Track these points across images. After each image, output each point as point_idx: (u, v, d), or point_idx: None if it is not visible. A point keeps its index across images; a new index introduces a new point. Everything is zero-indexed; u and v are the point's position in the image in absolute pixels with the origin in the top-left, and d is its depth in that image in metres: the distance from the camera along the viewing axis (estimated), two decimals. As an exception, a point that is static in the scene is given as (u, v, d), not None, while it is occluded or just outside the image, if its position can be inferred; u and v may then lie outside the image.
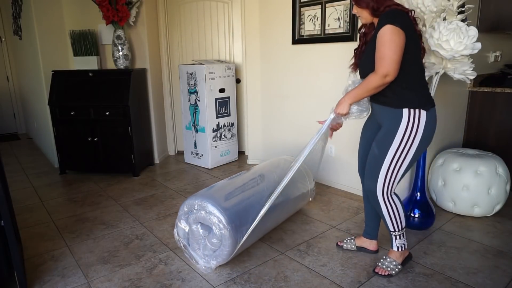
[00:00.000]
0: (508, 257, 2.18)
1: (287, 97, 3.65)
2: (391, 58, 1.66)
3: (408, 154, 1.80)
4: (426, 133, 1.79)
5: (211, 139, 3.90)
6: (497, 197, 2.60)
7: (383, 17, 1.70)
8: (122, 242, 2.43)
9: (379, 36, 1.68)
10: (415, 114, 1.76)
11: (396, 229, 1.97)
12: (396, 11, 1.70)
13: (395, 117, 1.80)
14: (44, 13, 3.78)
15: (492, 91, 3.07)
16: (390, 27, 1.65)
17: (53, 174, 3.86)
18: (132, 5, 3.75)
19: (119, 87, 3.60)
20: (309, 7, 3.23)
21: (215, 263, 2.04)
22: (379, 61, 1.70)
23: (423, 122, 1.76)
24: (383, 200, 1.90)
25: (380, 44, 1.68)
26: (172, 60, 4.38)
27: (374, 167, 1.89)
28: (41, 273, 2.09)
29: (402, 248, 2.01)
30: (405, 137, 1.78)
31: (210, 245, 2.03)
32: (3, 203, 1.71)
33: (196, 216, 2.04)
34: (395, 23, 1.64)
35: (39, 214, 2.88)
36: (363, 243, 2.24)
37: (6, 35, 5.76)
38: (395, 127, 1.79)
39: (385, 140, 1.83)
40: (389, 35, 1.65)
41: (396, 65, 1.67)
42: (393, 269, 1.99)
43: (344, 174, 3.26)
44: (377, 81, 1.72)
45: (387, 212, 1.92)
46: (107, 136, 3.67)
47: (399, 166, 1.83)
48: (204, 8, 4.18)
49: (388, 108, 1.83)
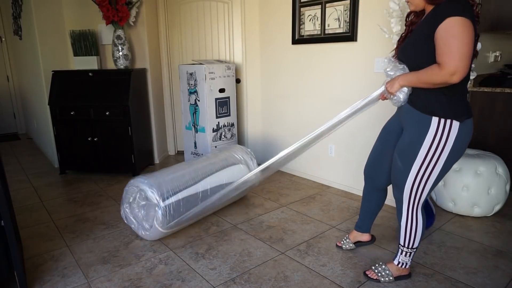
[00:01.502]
0: (508, 257, 2.18)
1: (287, 97, 3.65)
2: (464, 54, 1.42)
3: (436, 168, 1.64)
4: (457, 146, 1.59)
5: (211, 139, 3.90)
6: (497, 197, 2.61)
7: (448, 6, 1.46)
8: (122, 242, 2.43)
9: (445, 29, 1.44)
10: (445, 125, 1.56)
11: (406, 245, 1.86)
12: (465, 1, 1.46)
13: (421, 124, 1.62)
14: (44, 13, 3.78)
15: (492, 91, 3.07)
16: (461, 19, 1.41)
17: (53, 174, 3.86)
18: (132, 5, 3.75)
19: (119, 87, 3.60)
20: (309, 7, 3.23)
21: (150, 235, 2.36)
22: (447, 55, 1.44)
23: (454, 135, 1.57)
24: (407, 211, 1.79)
25: (448, 36, 1.43)
26: (172, 60, 4.38)
27: (399, 178, 1.76)
28: (41, 273, 2.09)
29: (403, 265, 1.93)
30: (431, 150, 1.60)
31: (143, 221, 2.36)
32: (3, 203, 1.71)
33: (136, 196, 2.37)
34: (466, 15, 1.42)
35: (39, 214, 2.88)
36: (356, 237, 2.25)
37: (6, 35, 5.76)
38: (421, 137, 1.61)
39: (409, 151, 1.68)
40: (461, 27, 1.41)
41: (468, 63, 1.44)
42: (383, 277, 1.94)
43: (344, 174, 3.26)
44: (441, 77, 1.47)
45: (406, 224, 1.82)
46: (107, 136, 3.67)
47: (426, 180, 1.68)
48: (204, 8, 4.17)
49: (415, 111, 1.65)
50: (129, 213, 2.43)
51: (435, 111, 1.58)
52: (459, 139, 1.59)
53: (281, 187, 3.39)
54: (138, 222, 2.40)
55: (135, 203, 2.39)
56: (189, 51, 4.33)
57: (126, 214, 2.45)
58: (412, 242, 1.85)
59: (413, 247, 1.87)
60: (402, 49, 1.71)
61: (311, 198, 3.13)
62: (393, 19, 2.26)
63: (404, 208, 1.81)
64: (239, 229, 2.58)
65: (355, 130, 3.05)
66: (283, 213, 2.83)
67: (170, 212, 2.32)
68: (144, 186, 2.35)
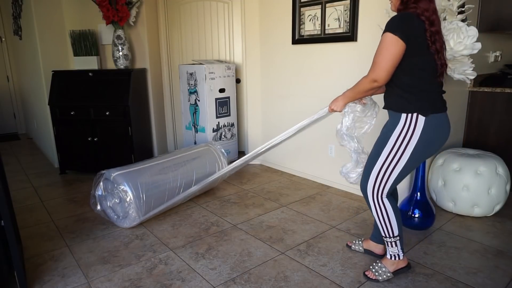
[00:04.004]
0: (508, 257, 2.18)
1: (287, 97, 3.65)
2: (383, 67, 1.67)
3: (402, 159, 1.78)
4: (423, 138, 1.74)
5: (211, 139, 3.89)
6: (497, 197, 2.60)
7: (389, 20, 1.68)
8: (122, 242, 2.43)
9: (380, 40, 1.69)
10: (412, 119, 1.74)
11: (387, 235, 1.93)
12: (403, 17, 1.67)
13: (394, 119, 1.80)
14: (44, 13, 3.78)
15: (492, 91, 3.07)
16: (389, 36, 1.65)
17: (53, 174, 3.86)
18: (132, 5, 3.75)
19: (119, 87, 3.60)
20: (309, 7, 3.23)
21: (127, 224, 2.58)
22: (372, 65, 1.72)
23: (420, 128, 1.73)
24: (373, 200, 1.90)
25: (377, 48, 1.70)
26: (172, 60, 4.38)
27: (368, 166, 1.90)
28: (41, 273, 2.09)
29: (395, 257, 1.96)
30: (399, 141, 1.77)
31: (115, 209, 2.60)
32: (3, 203, 1.71)
33: (119, 189, 2.54)
34: (396, 32, 1.63)
35: (39, 214, 2.88)
36: (370, 246, 2.21)
37: (6, 35, 5.76)
38: (392, 128, 1.80)
39: (380, 141, 1.85)
40: (386, 43, 1.65)
41: (386, 74, 1.68)
42: (380, 275, 1.95)
43: (344, 174, 3.25)
44: (366, 85, 1.76)
45: (377, 214, 1.92)
46: (107, 136, 3.67)
47: (392, 169, 1.81)
48: (204, 8, 4.17)
49: (391, 112, 1.84)
50: (108, 207, 2.65)
51: (404, 107, 1.76)
52: (425, 132, 1.73)
53: (281, 187, 3.39)
54: (117, 210, 2.61)
55: (109, 199, 2.63)
56: (189, 51, 4.33)
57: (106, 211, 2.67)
58: (390, 230, 1.91)
59: (395, 235, 1.92)
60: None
61: (311, 198, 3.12)
62: (393, 19, 2.25)
63: (370, 198, 1.91)
64: (239, 229, 2.58)
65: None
66: (283, 213, 2.83)
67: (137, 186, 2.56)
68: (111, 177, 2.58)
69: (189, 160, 2.97)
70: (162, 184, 2.68)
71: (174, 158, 2.92)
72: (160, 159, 2.87)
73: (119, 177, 2.55)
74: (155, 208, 2.65)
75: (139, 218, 2.56)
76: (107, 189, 2.64)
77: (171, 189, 2.72)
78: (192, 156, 3.04)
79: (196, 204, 3.01)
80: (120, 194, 2.53)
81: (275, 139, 2.34)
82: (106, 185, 2.65)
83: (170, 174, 2.76)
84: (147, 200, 2.57)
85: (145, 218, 2.60)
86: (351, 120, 1.95)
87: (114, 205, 2.60)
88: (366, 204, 2.94)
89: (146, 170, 2.68)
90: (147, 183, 2.60)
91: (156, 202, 2.65)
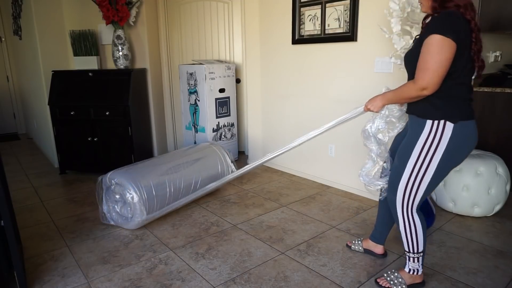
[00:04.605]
0: (508, 257, 2.18)
1: (287, 97, 3.65)
2: (435, 72, 1.50)
3: (429, 169, 1.65)
4: (451, 147, 1.61)
5: (211, 139, 3.90)
6: (497, 197, 2.60)
7: (434, 21, 1.53)
8: (122, 242, 2.43)
9: (426, 43, 1.51)
10: (439, 126, 1.60)
11: (411, 250, 1.83)
12: (450, 16, 1.51)
13: (417, 127, 1.67)
14: (44, 13, 3.78)
15: (492, 91, 3.07)
16: (439, 38, 1.47)
17: (53, 174, 3.86)
18: (132, 5, 3.75)
19: (119, 87, 3.60)
20: (309, 7, 3.23)
21: (129, 226, 2.56)
22: (421, 71, 1.53)
23: (448, 135, 1.59)
24: (402, 215, 1.78)
25: (425, 52, 1.51)
26: (172, 60, 4.38)
27: (394, 178, 1.78)
28: (41, 273, 2.09)
29: (414, 272, 1.87)
30: (425, 149, 1.63)
31: (120, 213, 2.56)
32: (3, 203, 1.71)
33: (119, 189, 2.52)
34: (447, 33, 1.46)
35: (39, 214, 2.88)
36: (369, 246, 2.19)
37: (6, 35, 5.76)
38: (416, 137, 1.66)
39: (404, 151, 1.72)
40: (438, 46, 1.48)
41: (438, 81, 1.52)
42: (396, 285, 1.87)
43: (344, 174, 3.26)
44: (413, 92, 1.58)
45: (404, 229, 1.80)
46: (107, 136, 3.67)
47: (420, 181, 1.68)
48: (204, 8, 4.17)
49: (413, 117, 1.72)
50: (113, 210, 2.61)
51: (429, 114, 1.63)
52: (454, 140, 1.60)
53: (281, 187, 3.39)
54: (121, 212, 2.57)
55: (113, 201, 2.60)
56: (189, 51, 4.33)
57: (110, 214, 2.63)
58: (415, 246, 1.81)
59: (419, 251, 1.82)
60: (406, 54, 1.74)
61: (311, 198, 3.13)
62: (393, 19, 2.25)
63: (398, 212, 1.79)
64: (239, 229, 2.58)
65: (355, 130, 3.04)
66: (283, 213, 2.83)
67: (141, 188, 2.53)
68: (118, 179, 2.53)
69: (196, 160, 2.94)
70: (168, 186, 2.64)
71: (180, 158, 2.90)
72: (166, 159, 2.84)
73: (122, 179, 2.51)
74: (161, 208, 2.61)
75: (146, 218, 2.52)
76: (110, 197, 2.60)
77: (177, 190, 2.69)
78: (198, 156, 3.01)
79: (196, 204, 3.01)
80: (125, 196, 2.48)
81: (302, 138, 2.17)
82: (108, 195, 2.61)
83: (177, 174, 2.73)
84: (154, 200, 2.54)
85: (152, 216, 2.56)
86: (385, 123, 1.84)
87: (121, 209, 2.56)
88: (366, 204, 2.95)
89: (151, 171, 2.65)
90: (152, 185, 2.55)
91: (163, 202, 2.61)
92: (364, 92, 2.92)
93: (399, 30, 2.25)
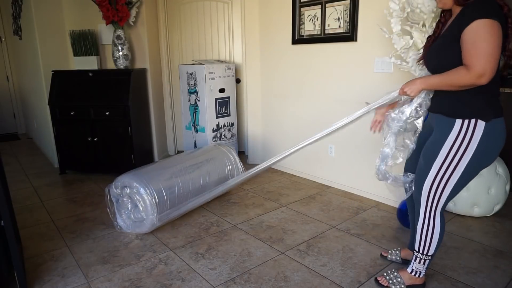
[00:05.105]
0: (507, 257, 2.18)
1: (287, 97, 3.65)
2: (492, 56, 1.39)
3: (457, 169, 1.57)
4: (482, 147, 1.52)
5: (211, 139, 3.89)
6: (497, 197, 2.61)
7: (476, 8, 1.43)
8: (122, 242, 2.43)
9: (471, 30, 1.42)
10: (470, 125, 1.51)
11: (420, 250, 1.79)
12: (489, 0, 1.43)
13: (446, 125, 1.58)
14: (44, 13, 3.78)
15: (492, 91, 3.06)
16: (489, 21, 1.38)
17: (53, 174, 3.86)
18: (132, 5, 3.75)
19: (119, 87, 3.60)
20: (309, 7, 3.23)
21: (136, 231, 2.52)
22: (473, 57, 1.41)
23: (479, 134, 1.51)
24: (424, 213, 1.73)
25: (476, 38, 1.40)
26: (172, 60, 4.38)
27: (420, 177, 1.71)
28: (41, 273, 2.09)
29: (416, 273, 1.85)
30: (453, 151, 1.55)
31: (133, 217, 2.50)
32: (3, 203, 1.71)
33: (127, 191, 2.48)
34: (493, 16, 1.38)
35: (39, 214, 2.88)
36: (408, 255, 2.08)
37: (6, 35, 5.76)
38: (444, 136, 1.58)
39: (431, 150, 1.64)
40: (489, 28, 1.38)
41: (495, 65, 1.41)
42: (394, 284, 1.87)
43: (344, 174, 3.26)
44: (468, 79, 1.43)
45: (422, 228, 1.75)
46: (107, 136, 3.67)
47: (446, 182, 1.61)
48: (204, 8, 4.18)
49: (440, 115, 1.64)
50: (126, 216, 2.56)
51: (459, 112, 1.55)
52: (485, 139, 1.52)
53: (281, 187, 3.40)
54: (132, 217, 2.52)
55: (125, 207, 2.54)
56: (189, 51, 4.33)
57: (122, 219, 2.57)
58: (427, 248, 1.77)
59: (428, 254, 1.78)
60: (431, 50, 1.67)
61: (311, 198, 3.13)
62: (393, 19, 2.25)
63: (421, 210, 1.73)
64: (239, 229, 2.58)
65: (355, 129, 3.04)
66: (283, 213, 2.83)
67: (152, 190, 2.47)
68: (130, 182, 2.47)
69: (204, 161, 2.91)
70: (178, 188, 2.60)
71: (187, 161, 2.85)
72: (173, 162, 2.79)
73: (129, 180, 2.47)
74: (173, 211, 2.56)
75: (158, 218, 2.46)
76: (121, 206, 2.55)
77: (186, 192, 2.66)
78: (207, 157, 2.99)
79: (196, 204, 3.01)
80: (134, 197, 2.45)
81: (334, 125, 2.02)
82: (119, 205, 2.56)
83: (185, 176, 2.68)
84: (164, 198, 2.50)
85: (166, 216, 2.52)
86: (415, 111, 1.68)
87: (133, 212, 2.51)
88: (366, 204, 2.95)
89: (159, 173, 2.60)
90: (162, 186, 2.51)
91: (172, 203, 2.56)
92: (364, 92, 2.93)
93: (399, 30, 2.24)
